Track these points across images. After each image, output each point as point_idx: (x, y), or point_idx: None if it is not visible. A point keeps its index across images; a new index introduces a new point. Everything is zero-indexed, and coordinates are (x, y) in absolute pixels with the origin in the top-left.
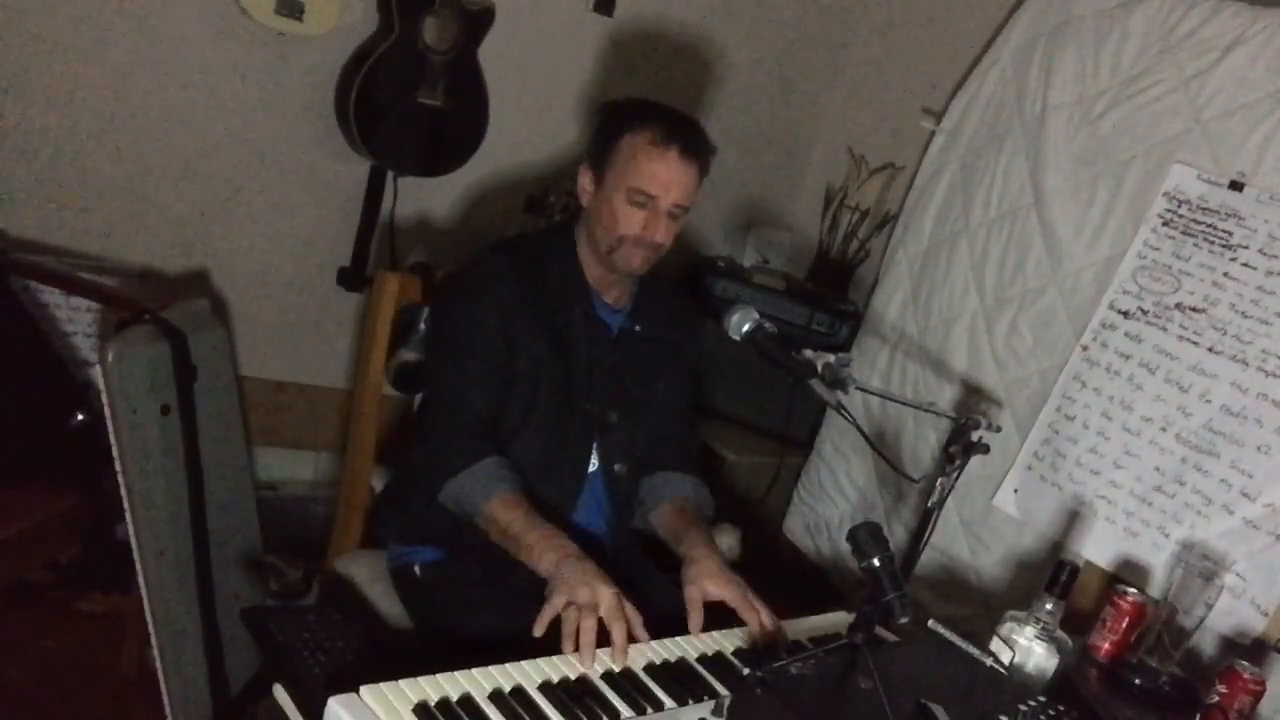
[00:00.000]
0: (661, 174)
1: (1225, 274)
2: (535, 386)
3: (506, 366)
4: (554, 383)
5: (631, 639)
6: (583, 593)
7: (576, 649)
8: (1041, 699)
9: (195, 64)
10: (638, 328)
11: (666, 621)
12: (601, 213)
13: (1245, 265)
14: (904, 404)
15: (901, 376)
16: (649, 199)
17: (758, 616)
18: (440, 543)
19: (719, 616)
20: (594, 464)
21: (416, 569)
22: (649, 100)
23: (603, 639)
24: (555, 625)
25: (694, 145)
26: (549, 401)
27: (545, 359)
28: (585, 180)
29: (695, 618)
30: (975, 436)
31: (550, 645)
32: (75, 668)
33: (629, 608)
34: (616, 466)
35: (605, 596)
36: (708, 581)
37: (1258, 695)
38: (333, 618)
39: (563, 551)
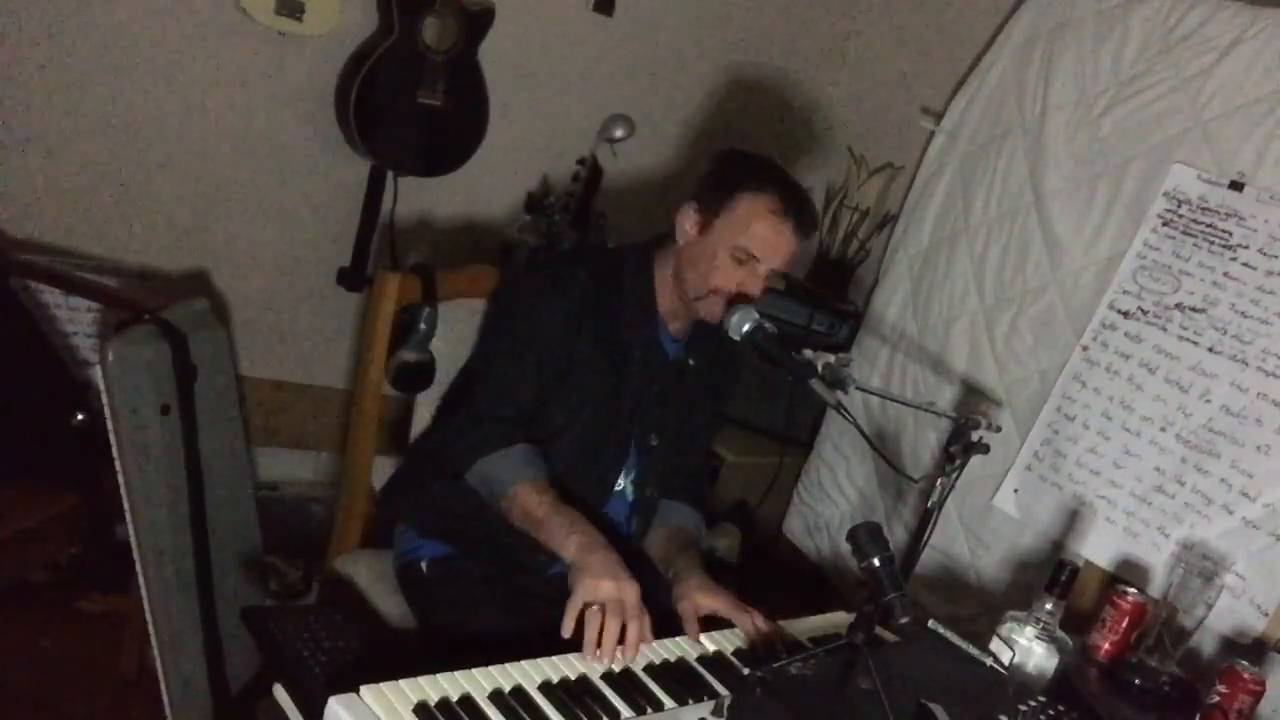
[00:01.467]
0: (774, 244)
1: (1225, 274)
2: (584, 398)
3: (560, 371)
4: (602, 398)
5: None
6: (606, 587)
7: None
8: (1041, 699)
9: (195, 64)
10: (691, 361)
11: (666, 622)
12: (699, 259)
13: (1245, 265)
14: (904, 404)
15: (901, 376)
16: (753, 260)
17: (750, 618)
18: (447, 537)
19: (718, 620)
20: (620, 484)
21: (423, 565)
22: (773, 162)
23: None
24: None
25: (809, 222)
26: (593, 415)
27: (601, 374)
28: (689, 222)
29: (691, 628)
30: (975, 436)
31: (551, 645)
32: (75, 668)
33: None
34: (648, 491)
35: (630, 594)
36: (698, 595)
37: (1258, 695)
38: (333, 618)
39: (587, 537)
